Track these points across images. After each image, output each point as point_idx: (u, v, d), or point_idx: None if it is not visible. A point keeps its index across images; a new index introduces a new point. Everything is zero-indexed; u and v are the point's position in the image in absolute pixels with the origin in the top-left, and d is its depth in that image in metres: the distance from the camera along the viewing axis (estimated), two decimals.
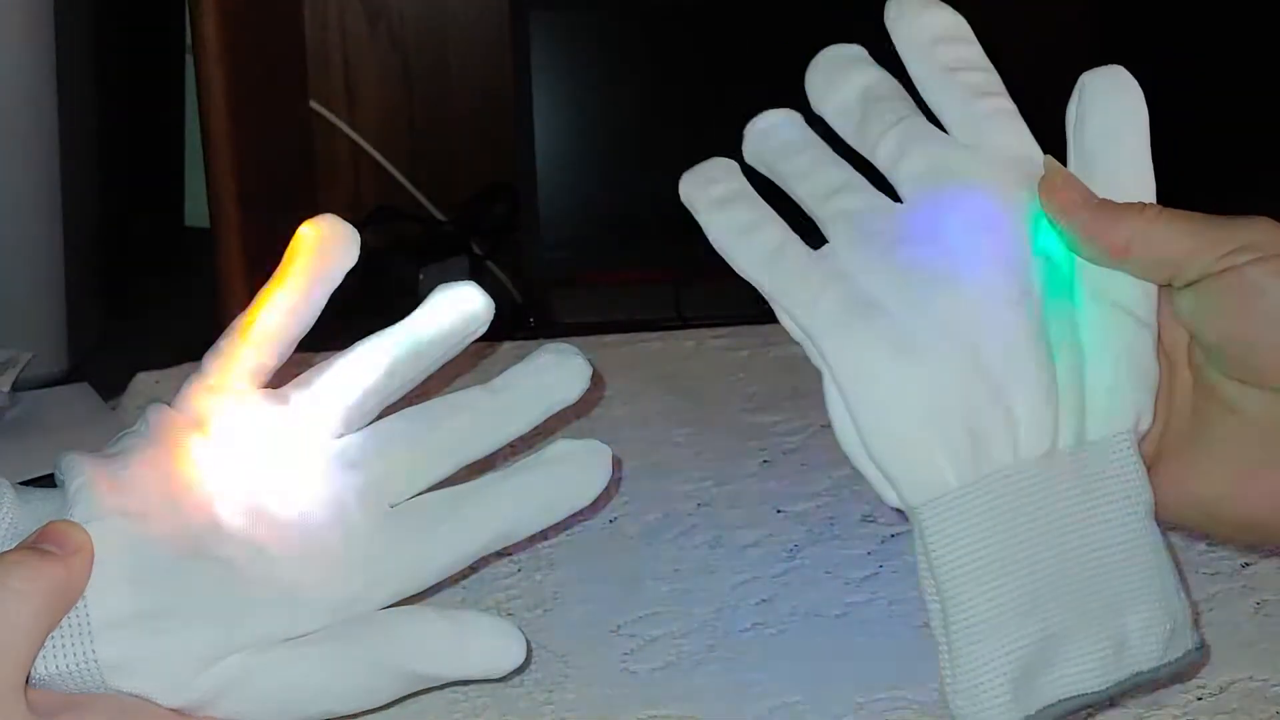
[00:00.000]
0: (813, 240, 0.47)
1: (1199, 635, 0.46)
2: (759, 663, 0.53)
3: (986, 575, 0.44)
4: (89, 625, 0.43)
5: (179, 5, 1.13)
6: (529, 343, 0.67)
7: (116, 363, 0.81)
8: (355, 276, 0.51)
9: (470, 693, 0.51)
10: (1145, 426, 0.46)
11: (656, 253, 1.17)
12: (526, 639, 0.48)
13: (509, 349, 0.75)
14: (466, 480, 0.49)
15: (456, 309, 0.50)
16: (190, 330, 0.67)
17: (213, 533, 0.45)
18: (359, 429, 0.49)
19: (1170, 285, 0.46)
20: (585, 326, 1.05)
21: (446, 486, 0.49)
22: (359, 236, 0.51)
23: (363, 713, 0.48)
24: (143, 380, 0.74)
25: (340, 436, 0.49)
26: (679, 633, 0.55)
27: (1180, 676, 0.47)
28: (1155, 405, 0.47)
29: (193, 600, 0.44)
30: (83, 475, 0.45)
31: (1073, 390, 0.45)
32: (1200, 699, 0.50)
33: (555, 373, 0.51)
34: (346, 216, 0.51)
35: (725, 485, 0.65)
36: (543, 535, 0.57)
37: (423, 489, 0.49)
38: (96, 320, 1.01)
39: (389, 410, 0.50)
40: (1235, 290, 0.44)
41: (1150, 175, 0.47)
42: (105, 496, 0.45)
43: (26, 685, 0.42)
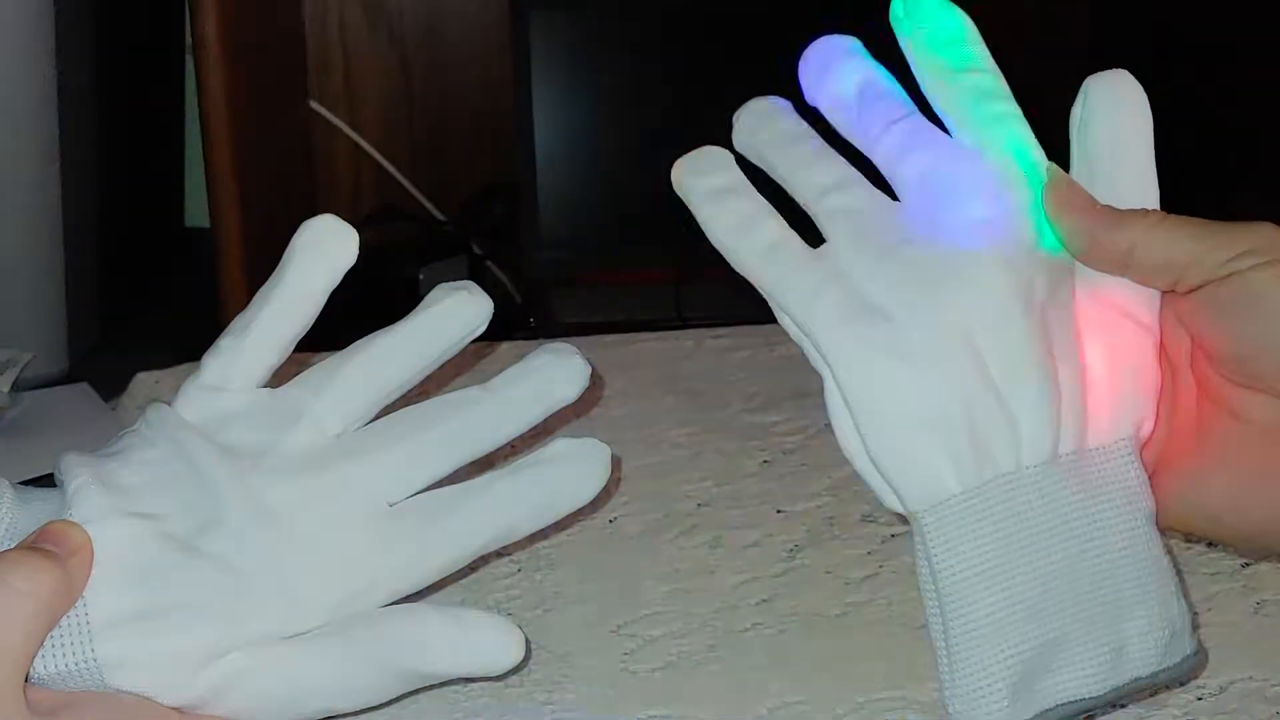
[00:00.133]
0: (809, 236, 0.47)
1: (1197, 640, 0.46)
2: (759, 663, 0.53)
3: (987, 581, 0.44)
4: (88, 625, 0.43)
5: (179, 5, 1.13)
6: (528, 343, 0.67)
7: (116, 363, 0.81)
8: (355, 276, 0.51)
9: (470, 692, 0.51)
10: (1146, 432, 0.46)
11: (656, 253, 1.17)
12: (526, 638, 0.48)
13: (508, 349, 0.75)
14: (466, 479, 0.49)
15: (455, 308, 0.50)
16: (190, 330, 0.67)
17: (212, 531, 0.45)
18: (358, 428, 0.49)
19: (1173, 290, 0.46)
20: (585, 326, 1.05)
21: (446, 485, 0.49)
22: (358, 236, 0.51)
23: (362, 711, 0.48)
24: (143, 380, 0.74)
25: (339, 435, 0.49)
26: (679, 633, 0.55)
27: (1178, 682, 0.47)
28: (1157, 411, 0.47)
29: (192, 599, 0.44)
30: (82, 475, 0.45)
31: (1074, 396, 0.45)
32: (1200, 699, 0.50)
33: (554, 372, 0.51)
34: (346, 216, 0.51)
35: (725, 485, 0.65)
36: (542, 535, 0.57)
37: (422, 488, 0.49)
38: (96, 320, 1.01)
39: (388, 409, 0.50)
40: (1239, 295, 0.44)
41: (1154, 181, 0.47)
42: (105, 496, 0.45)
43: (26, 685, 0.42)
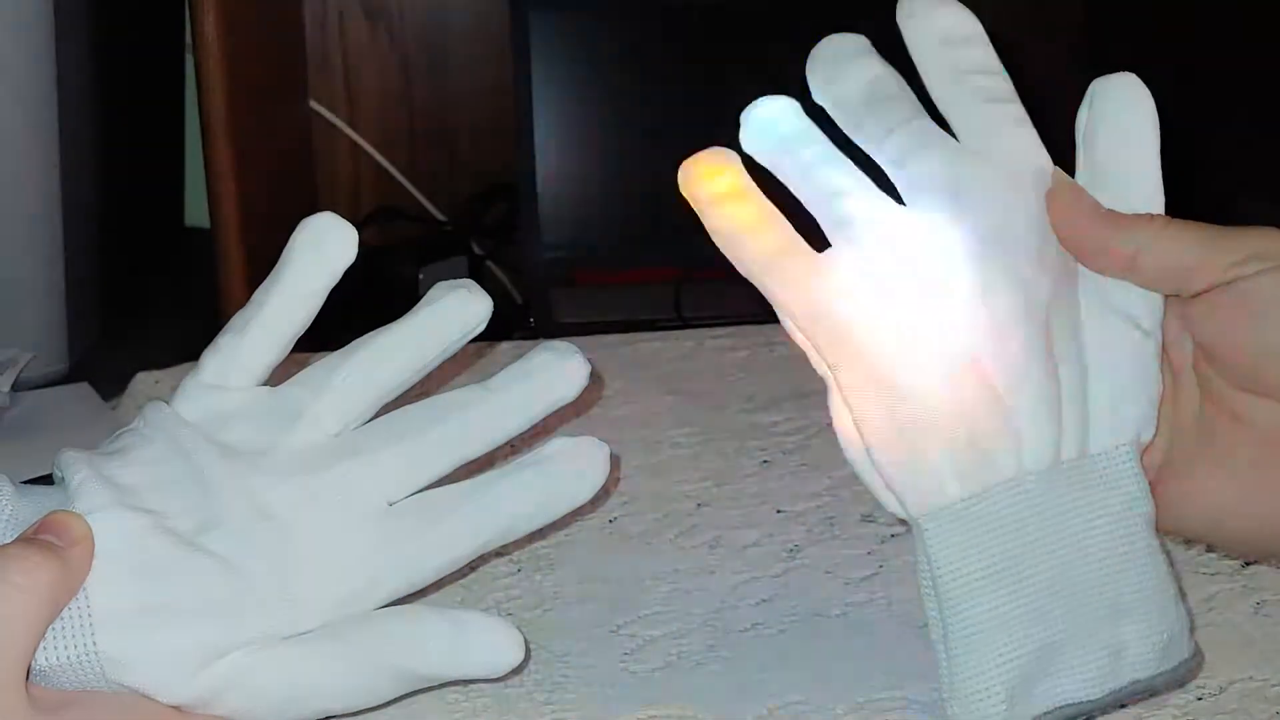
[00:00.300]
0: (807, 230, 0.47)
1: (1195, 644, 0.46)
2: (759, 663, 0.53)
3: (987, 585, 0.44)
4: (90, 617, 0.43)
5: (179, 5, 1.13)
6: (528, 342, 0.67)
7: (116, 363, 0.81)
8: (355, 276, 0.51)
9: (470, 693, 0.51)
10: (1147, 438, 0.46)
11: (656, 253, 1.17)
12: (525, 639, 0.48)
13: (508, 348, 0.75)
14: (465, 478, 0.49)
15: (455, 307, 0.50)
16: (190, 330, 0.67)
17: (212, 530, 0.45)
18: (357, 427, 0.49)
19: (1178, 295, 0.46)
20: (585, 326, 1.05)
21: (445, 484, 0.49)
22: (357, 234, 0.51)
23: (362, 712, 0.48)
24: (143, 380, 0.74)
25: (338, 434, 0.49)
26: (679, 633, 0.55)
27: (1176, 685, 0.47)
28: (1158, 416, 0.47)
29: (194, 596, 0.44)
30: (84, 470, 0.45)
31: (1076, 402, 0.45)
32: (1200, 699, 0.50)
33: (553, 371, 0.50)
34: (346, 216, 0.51)
35: (725, 485, 0.65)
36: (542, 535, 0.57)
37: (421, 487, 0.48)
38: (96, 320, 1.01)
39: (388, 408, 0.50)
40: (1245, 300, 0.44)
41: (1159, 186, 0.47)
42: (107, 490, 0.45)
43: (29, 683, 0.42)
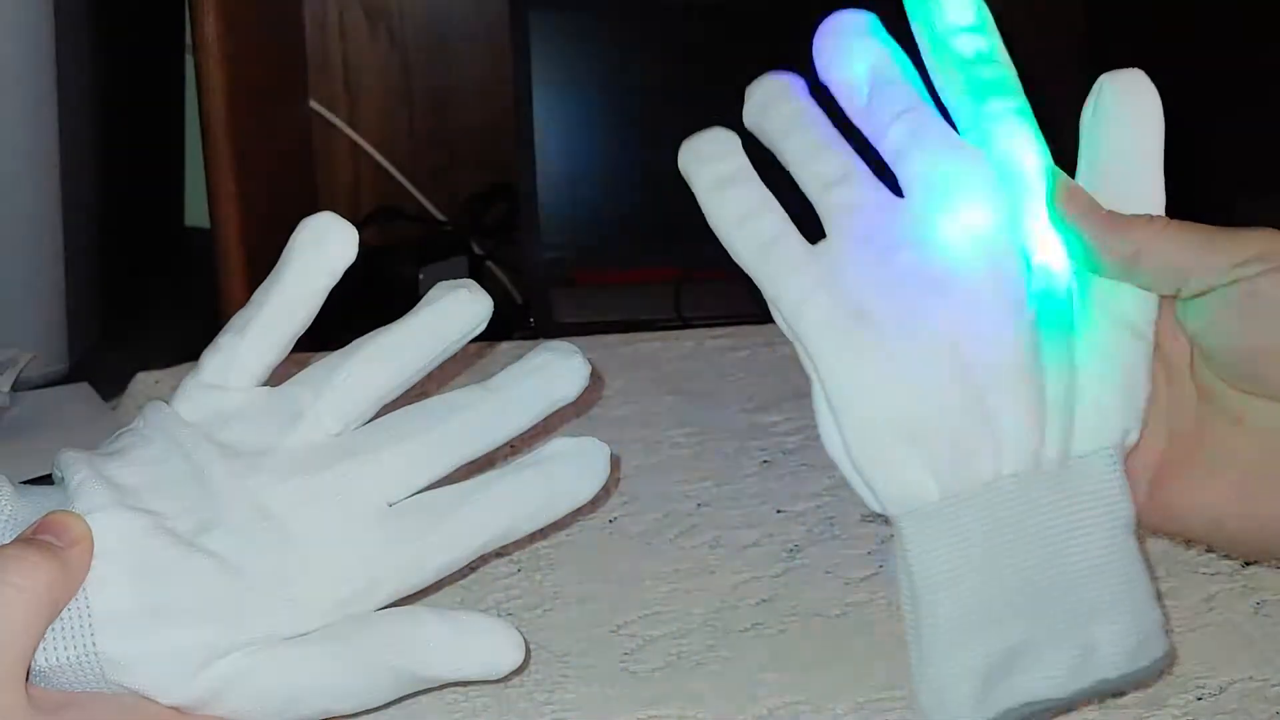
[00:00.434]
0: (807, 225, 0.47)
1: (1169, 642, 0.46)
2: (759, 663, 0.53)
3: (960, 584, 0.45)
4: (89, 617, 0.43)
5: (179, 5, 1.13)
6: (528, 342, 0.67)
7: (116, 363, 0.81)
8: (355, 276, 0.51)
9: (470, 693, 0.51)
10: (1133, 441, 0.46)
11: (656, 253, 1.17)
12: (525, 639, 0.48)
13: (508, 348, 0.75)
14: (465, 479, 0.49)
15: (455, 307, 0.50)
16: (190, 330, 0.67)
17: (212, 531, 0.45)
18: (358, 427, 0.49)
19: (1176, 296, 0.46)
20: (585, 326, 1.05)
21: (445, 485, 0.49)
22: (357, 234, 0.51)
23: (362, 713, 0.48)
24: (143, 380, 0.74)
25: (339, 434, 0.49)
26: (679, 633, 0.55)
27: (1144, 684, 0.47)
28: (1146, 419, 0.46)
29: (193, 597, 0.44)
30: (84, 470, 0.45)
31: (1061, 404, 0.45)
32: (1200, 699, 0.50)
33: (554, 371, 0.51)
34: (346, 216, 0.51)
35: (725, 485, 0.65)
36: (542, 535, 0.57)
37: (421, 487, 0.48)
38: (96, 320, 1.01)
39: (388, 408, 0.50)
40: (1245, 301, 0.44)
41: (1161, 186, 0.47)
42: (107, 490, 0.45)
43: (29, 684, 0.42)
